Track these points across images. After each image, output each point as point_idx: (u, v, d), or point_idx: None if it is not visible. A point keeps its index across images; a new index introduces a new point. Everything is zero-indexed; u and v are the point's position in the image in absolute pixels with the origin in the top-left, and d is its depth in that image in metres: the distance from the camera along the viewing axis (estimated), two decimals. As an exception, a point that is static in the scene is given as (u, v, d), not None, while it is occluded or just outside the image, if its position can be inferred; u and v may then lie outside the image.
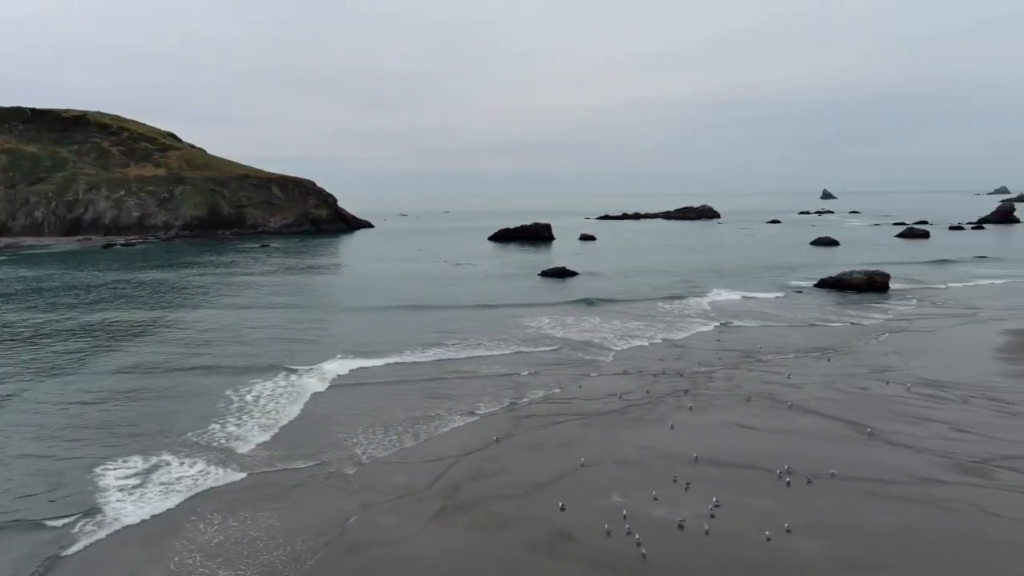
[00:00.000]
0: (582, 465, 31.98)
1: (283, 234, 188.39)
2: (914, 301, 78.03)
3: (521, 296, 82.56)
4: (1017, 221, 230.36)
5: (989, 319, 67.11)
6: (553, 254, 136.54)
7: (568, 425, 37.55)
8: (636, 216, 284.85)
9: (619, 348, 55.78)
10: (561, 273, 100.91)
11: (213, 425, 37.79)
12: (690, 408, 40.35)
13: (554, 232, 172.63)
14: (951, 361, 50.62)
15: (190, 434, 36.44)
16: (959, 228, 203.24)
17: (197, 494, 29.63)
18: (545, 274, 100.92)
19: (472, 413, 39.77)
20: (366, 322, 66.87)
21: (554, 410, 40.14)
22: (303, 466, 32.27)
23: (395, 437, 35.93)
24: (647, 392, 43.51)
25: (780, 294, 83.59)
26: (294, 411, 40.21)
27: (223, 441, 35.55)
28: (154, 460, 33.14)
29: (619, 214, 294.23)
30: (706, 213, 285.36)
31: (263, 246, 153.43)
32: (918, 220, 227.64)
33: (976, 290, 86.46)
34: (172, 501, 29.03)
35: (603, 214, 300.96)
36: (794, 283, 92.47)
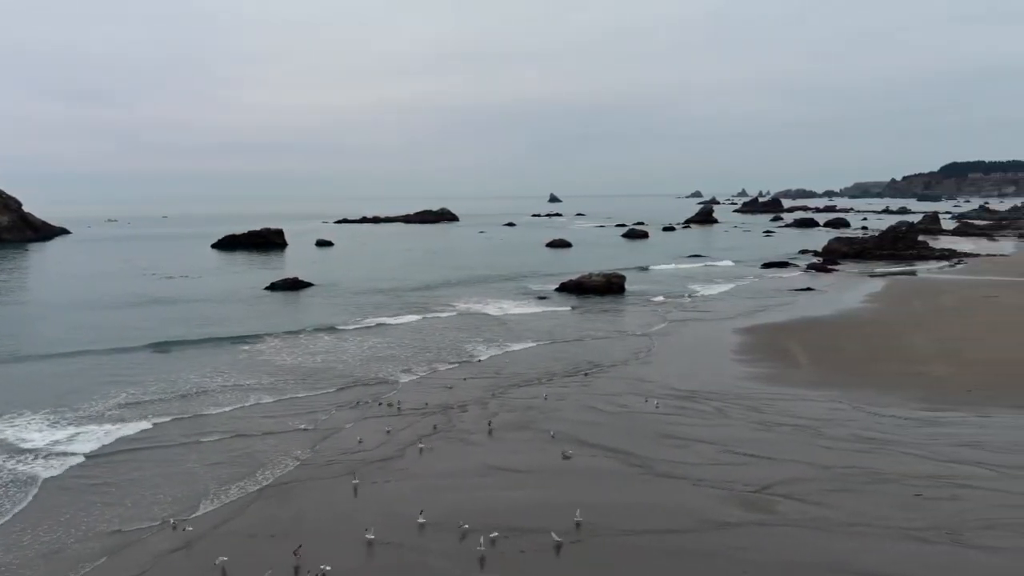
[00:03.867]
0: (306, 569, 24.41)
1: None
2: (651, 304, 79.79)
3: (243, 318, 71.48)
4: (716, 221, 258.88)
5: (718, 319, 69.60)
6: (286, 263, 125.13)
7: (291, 504, 29.43)
8: (376, 220, 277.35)
9: (360, 378, 48.48)
10: (294, 285, 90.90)
11: None
12: (437, 451, 34.34)
13: (287, 238, 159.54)
14: (698, 368, 50.07)
15: None
16: (672, 228, 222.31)
17: None
18: (275, 287, 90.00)
19: (167, 512, 30.33)
20: (39, 377, 52.57)
21: (285, 477, 31.72)
22: None
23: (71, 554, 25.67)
24: (387, 432, 36.73)
25: (528, 302, 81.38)
26: None
27: None
28: None
29: (358, 218, 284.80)
30: (445, 216, 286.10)
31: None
32: (637, 221, 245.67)
33: (705, 289, 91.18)
34: None
35: (341, 218, 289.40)
36: (537, 287, 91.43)
